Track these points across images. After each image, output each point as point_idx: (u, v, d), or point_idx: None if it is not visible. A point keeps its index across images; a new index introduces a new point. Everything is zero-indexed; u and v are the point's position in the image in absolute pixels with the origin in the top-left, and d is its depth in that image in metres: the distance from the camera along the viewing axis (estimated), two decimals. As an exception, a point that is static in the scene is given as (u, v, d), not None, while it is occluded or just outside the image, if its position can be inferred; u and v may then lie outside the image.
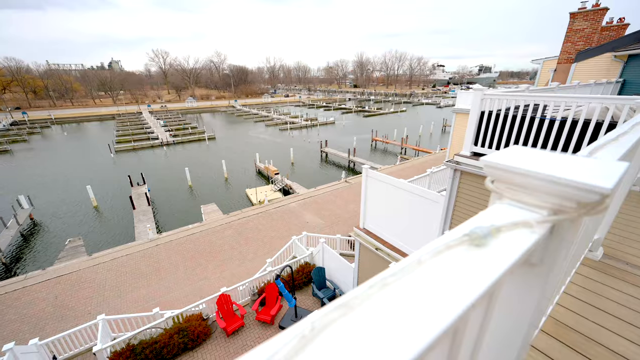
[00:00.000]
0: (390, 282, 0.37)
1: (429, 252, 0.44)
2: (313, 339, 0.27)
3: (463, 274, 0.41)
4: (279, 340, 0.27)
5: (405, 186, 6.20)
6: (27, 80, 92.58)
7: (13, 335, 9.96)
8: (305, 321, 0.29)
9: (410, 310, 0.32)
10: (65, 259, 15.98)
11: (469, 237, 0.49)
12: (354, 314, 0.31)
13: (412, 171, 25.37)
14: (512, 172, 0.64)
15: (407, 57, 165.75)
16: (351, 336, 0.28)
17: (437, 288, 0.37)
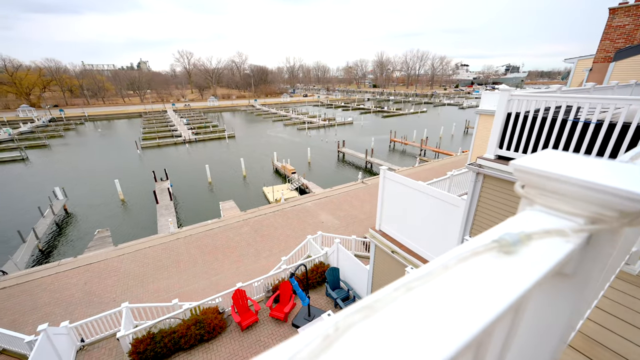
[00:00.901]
0: (415, 286, 0.36)
1: (456, 257, 0.42)
2: (337, 339, 0.27)
3: (491, 283, 0.39)
4: (302, 338, 0.27)
5: (424, 189, 6.05)
6: (64, 79, 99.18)
7: (46, 317, 10.70)
8: (328, 321, 0.29)
9: (434, 318, 0.31)
10: (94, 248, 16.96)
11: (497, 243, 0.47)
12: (377, 317, 0.30)
13: (431, 174, 24.73)
14: (546, 177, 0.60)
15: (429, 56, 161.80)
16: (375, 339, 0.27)
17: (463, 296, 0.36)
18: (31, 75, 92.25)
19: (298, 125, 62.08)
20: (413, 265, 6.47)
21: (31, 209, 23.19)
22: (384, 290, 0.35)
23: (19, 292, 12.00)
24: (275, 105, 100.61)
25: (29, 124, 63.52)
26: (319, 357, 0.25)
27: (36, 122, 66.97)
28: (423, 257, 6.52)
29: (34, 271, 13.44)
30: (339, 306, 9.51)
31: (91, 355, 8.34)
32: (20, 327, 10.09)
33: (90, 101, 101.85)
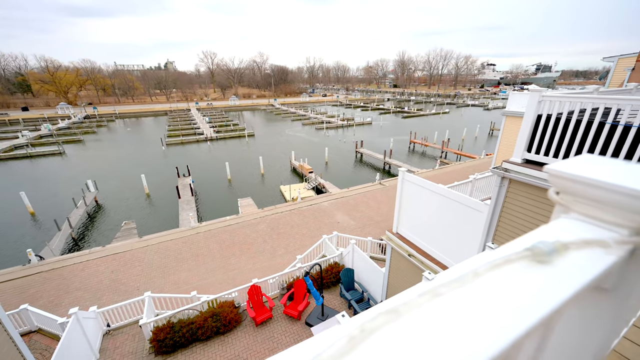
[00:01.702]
0: (443, 292, 0.35)
1: (486, 265, 0.40)
2: (362, 341, 0.27)
3: (524, 293, 0.37)
4: (327, 337, 0.27)
5: (445, 192, 5.88)
6: (98, 79, 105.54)
7: (77, 301, 11.43)
8: (353, 322, 0.29)
9: (462, 327, 0.30)
10: (121, 239, 17.92)
11: (531, 251, 0.44)
12: (403, 321, 0.30)
13: (452, 176, 23.96)
14: (584, 184, 0.56)
15: (453, 55, 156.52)
16: (400, 344, 0.27)
17: (493, 306, 0.34)
18: (69, 75, 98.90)
19: (316, 124, 62.26)
20: (430, 270, 6.30)
21: (66, 200, 24.86)
22: (409, 295, 0.34)
23: (54, 277, 12.90)
24: (295, 104, 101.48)
25: (66, 121, 68.14)
26: (343, 357, 0.25)
27: (72, 118, 71.73)
28: (441, 262, 6.33)
29: (67, 257, 14.40)
30: (353, 308, 9.45)
31: (116, 340, 8.82)
32: (54, 309, 10.84)
33: (121, 99, 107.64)
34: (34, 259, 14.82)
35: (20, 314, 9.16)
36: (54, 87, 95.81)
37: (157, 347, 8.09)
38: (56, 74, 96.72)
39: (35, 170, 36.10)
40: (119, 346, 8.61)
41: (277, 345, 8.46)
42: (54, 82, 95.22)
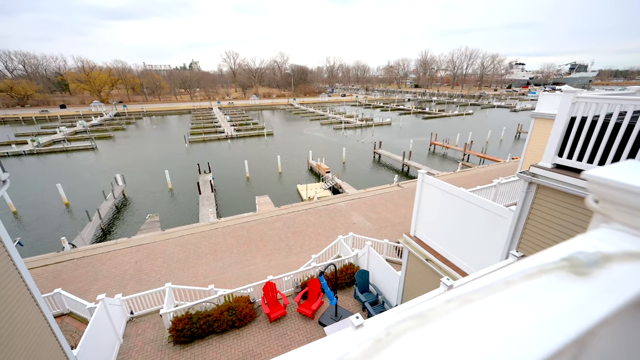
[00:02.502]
0: (473, 299, 0.34)
1: (520, 273, 0.38)
2: (389, 344, 0.27)
3: (559, 306, 0.35)
4: (352, 338, 0.27)
5: (466, 196, 5.68)
6: (128, 79, 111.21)
7: (104, 288, 12.12)
8: (379, 325, 0.29)
9: (493, 336, 0.29)
10: (145, 231, 18.78)
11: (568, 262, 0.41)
12: (431, 327, 0.30)
13: (474, 180, 23.10)
14: (629, 192, 0.52)
15: (479, 54, 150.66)
16: (428, 349, 0.27)
17: (526, 317, 0.32)
18: (102, 74, 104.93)
19: (335, 124, 62.16)
20: (449, 275, 6.11)
21: (97, 192, 26.41)
22: (436, 301, 0.34)
23: (85, 264, 13.75)
24: (313, 104, 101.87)
25: (98, 118, 72.37)
26: (369, 359, 0.25)
27: (104, 116, 76.08)
28: (460, 268, 6.13)
29: (96, 247, 15.30)
30: (367, 310, 9.35)
31: (138, 327, 9.26)
32: (84, 294, 11.55)
33: (148, 98, 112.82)
34: (67, 246, 15.87)
35: (54, 297, 9.84)
36: (89, 86, 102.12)
37: (175, 336, 8.41)
38: (91, 73, 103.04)
39: (70, 163, 38.63)
40: (140, 333, 9.03)
41: (290, 343, 8.54)
42: (89, 81, 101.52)
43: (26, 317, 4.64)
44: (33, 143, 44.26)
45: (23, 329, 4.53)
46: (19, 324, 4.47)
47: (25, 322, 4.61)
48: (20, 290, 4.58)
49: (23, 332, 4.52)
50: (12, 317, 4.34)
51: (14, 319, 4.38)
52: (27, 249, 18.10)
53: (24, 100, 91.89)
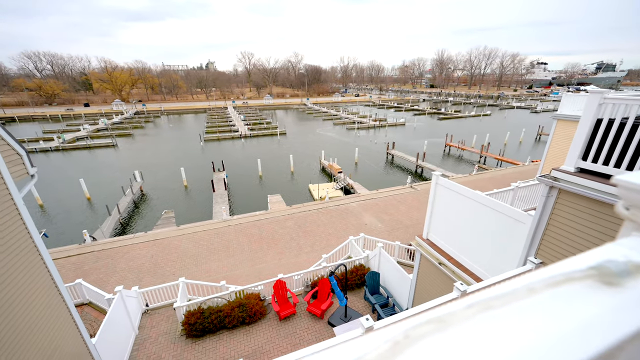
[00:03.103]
0: (494, 305, 0.33)
1: (544, 281, 0.37)
2: (407, 348, 0.26)
3: (587, 316, 0.33)
4: (368, 339, 0.26)
5: (483, 199, 5.52)
6: (148, 78, 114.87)
7: (122, 280, 12.57)
8: (396, 328, 0.28)
9: (515, 345, 0.28)
10: (161, 226, 19.35)
11: (597, 271, 0.39)
12: (450, 332, 0.29)
13: (490, 183, 22.45)
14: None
15: (498, 54, 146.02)
16: (448, 354, 0.26)
17: (550, 326, 0.31)
18: (124, 74, 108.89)
19: (348, 124, 61.93)
20: (463, 280, 5.96)
21: (117, 188, 27.44)
22: (456, 305, 0.33)
23: (104, 257, 14.31)
24: (327, 104, 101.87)
25: (119, 116, 75.15)
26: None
27: (125, 114, 78.87)
28: (475, 273, 5.97)
29: (115, 240, 15.90)
30: (377, 312, 9.26)
31: (153, 319, 9.55)
32: (102, 285, 12.02)
33: (166, 97, 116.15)
34: (88, 239, 16.58)
35: (75, 287, 10.30)
36: (111, 85, 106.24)
37: (188, 330, 8.62)
38: (113, 73, 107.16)
39: (93, 160, 40.31)
40: (155, 325, 9.31)
41: (299, 342, 8.57)
42: (111, 81, 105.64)
43: (50, 305, 4.87)
44: (59, 140, 46.50)
45: (47, 316, 4.76)
46: (44, 311, 4.70)
47: (49, 310, 4.84)
48: (45, 279, 4.82)
49: (47, 319, 4.75)
50: (37, 305, 4.57)
51: (39, 306, 4.62)
52: (51, 240, 19.03)
53: (51, 99, 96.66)
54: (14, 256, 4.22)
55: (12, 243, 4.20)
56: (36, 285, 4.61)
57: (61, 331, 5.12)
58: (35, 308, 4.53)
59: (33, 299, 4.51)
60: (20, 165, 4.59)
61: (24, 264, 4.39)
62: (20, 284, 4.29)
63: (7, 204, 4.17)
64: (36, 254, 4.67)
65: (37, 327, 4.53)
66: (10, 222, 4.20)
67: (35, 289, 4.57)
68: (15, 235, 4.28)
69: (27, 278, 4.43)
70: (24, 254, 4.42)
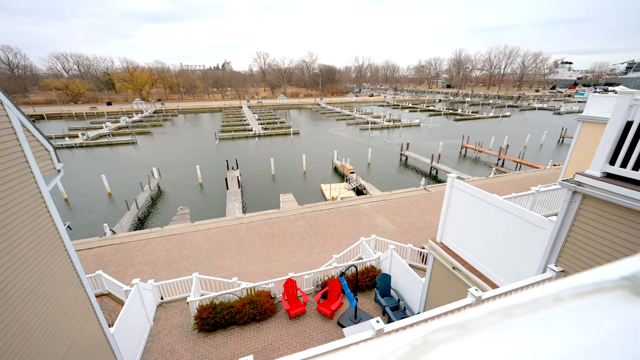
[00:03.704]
0: (517, 313, 0.31)
1: (571, 290, 0.34)
2: (425, 353, 0.26)
3: (618, 330, 0.30)
4: (385, 342, 0.26)
5: (500, 203, 5.34)
6: (167, 78, 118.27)
7: (138, 273, 13.01)
8: (415, 332, 0.28)
9: (540, 356, 0.26)
10: (176, 222, 19.89)
11: (630, 282, 0.36)
12: (471, 338, 0.28)
13: (508, 187, 21.72)
14: None
15: (520, 53, 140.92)
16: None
17: (578, 338, 0.29)
18: (144, 74, 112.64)
19: (361, 125, 61.55)
20: (477, 286, 5.79)
21: (135, 184, 28.44)
22: (477, 311, 0.32)
23: (122, 250, 14.86)
24: (340, 104, 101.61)
25: (139, 115, 77.80)
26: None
27: (144, 113, 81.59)
28: (491, 279, 5.78)
29: (133, 234, 16.47)
30: (387, 315, 9.15)
31: (167, 312, 9.84)
32: (120, 277, 12.48)
33: (184, 96, 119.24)
34: (108, 232, 17.27)
35: (95, 278, 10.75)
36: (132, 85, 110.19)
37: (200, 324, 8.82)
38: (134, 73, 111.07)
39: (114, 156, 41.95)
40: (169, 318, 9.58)
41: (309, 341, 8.59)
42: (132, 80, 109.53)
43: (73, 294, 5.11)
44: (83, 137, 48.68)
45: (70, 304, 5.00)
46: (68, 299, 4.93)
47: (73, 298, 5.08)
48: (68, 269, 5.06)
49: (70, 307, 4.99)
50: (62, 293, 4.80)
51: (64, 294, 4.85)
52: (75, 232, 19.94)
53: (77, 98, 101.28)
54: (42, 246, 4.45)
55: (39, 234, 4.43)
56: (61, 274, 4.84)
57: (83, 319, 5.36)
58: (60, 296, 4.76)
59: (58, 287, 4.74)
60: (47, 160, 4.83)
61: (50, 255, 4.62)
62: (47, 272, 4.52)
63: (35, 197, 4.40)
64: (61, 245, 4.91)
65: (61, 314, 4.75)
66: (38, 214, 4.43)
67: (59, 278, 4.80)
68: (43, 227, 4.51)
69: (53, 267, 4.67)
70: (50, 245, 4.65)
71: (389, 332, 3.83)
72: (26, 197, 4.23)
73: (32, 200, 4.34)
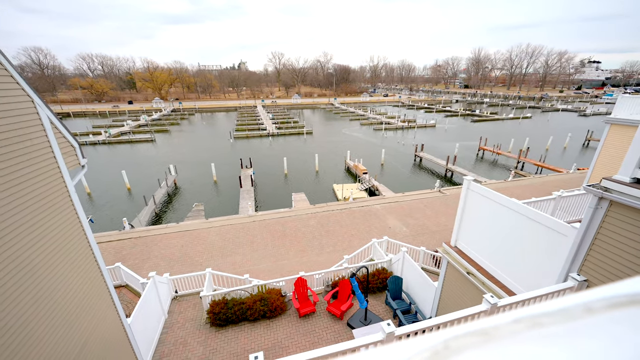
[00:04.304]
0: (545, 323, 0.30)
1: (603, 300, 0.33)
2: (447, 358, 0.25)
3: None
4: (405, 347, 0.25)
5: (519, 208, 5.15)
6: (185, 78, 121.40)
7: (154, 267, 13.44)
8: (435, 337, 0.27)
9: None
10: (191, 218, 20.39)
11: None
12: (495, 346, 0.27)
13: (528, 191, 20.96)
14: None
15: (543, 52, 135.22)
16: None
17: (611, 352, 0.27)
18: (163, 74, 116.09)
19: (375, 125, 60.98)
20: (493, 293, 5.61)
21: (153, 180, 29.38)
22: (501, 318, 0.30)
23: (140, 243, 15.39)
24: (354, 104, 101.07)
25: (158, 113, 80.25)
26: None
27: (163, 111, 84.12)
28: (507, 286, 5.59)
29: (150, 229, 17.03)
30: (398, 318, 9.03)
31: (181, 305, 10.11)
32: (138, 270, 12.93)
33: (201, 96, 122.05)
34: (127, 226, 17.92)
35: (114, 270, 11.19)
36: (152, 84, 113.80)
37: (212, 318, 9.01)
38: (154, 73, 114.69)
39: (133, 153, 43.49)
40: (182, 311, 9.85)
41: (318, 340, 8.60)
42: (152, 80, 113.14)
43: (93, 284, 5.34)
44: (105, 134, 50.73)
45: (92, 293, 5.22)
46: (89, 289, 5.16)
47: (94, 288, 5.31)
48: (90, 260, 5.29)
49: (92, 297, 5.21)
50: (84, 283, 5.03)
51: (86, 284, 5.07)
52: (96, 225, 20.83)
53: (101, 97, 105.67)
54: (67, 238, 4.68)
55: (65, 226, 4.65)
56: (83, 265, 5.07)
57: (103, 308, 5.59)
58: (82, 285, 4.98)
59: (81, 277, 4.96)
60: (73, 156, 5.06)
61: (74, 246, 4.84)
62: (71, 262, 4.74)
63: (61, 190, 4.63)
64: (84, 238, 5.14)
65: (84, 303, 4.98)
66: (64, 207, 4.66)
67: (82, 269, 5.03)
68: (68, 220, 4.73)
69: (77, 258, 4.89)
70: (75, 237, 4.87)
71: (400, 335, 3.77)
72: (53, 190, 4.46)
73: (58, 194, 4.56)
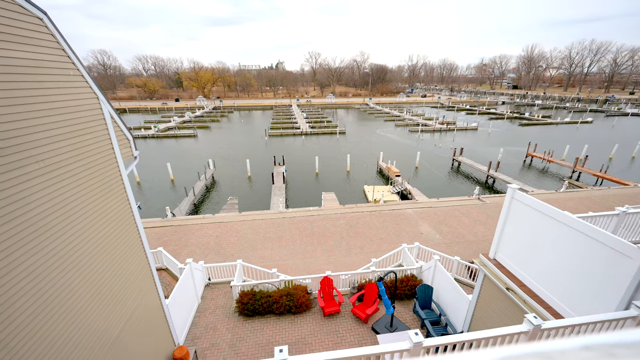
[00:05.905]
0: (619, 354, 0.27)
1: None
2: None
3: None
4: None
5: (573, 222, 4.63)
6: (226, 77, 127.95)
7: (191, 254, 14.38)
8: (490, 355, 0.26)
9: None
10: (226, 211, 21.48)
11: None
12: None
13: (583, 204, 18.80)
14: None
15: (611, 48, 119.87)
16: None
17: None
18: (207, 74, 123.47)
19: (410, 127, 58.97)
20: (536, 313, 5.12)
21: (193, 173, 31.43)
22: (566, 343, 0.28)
23: (180, 231, 16.57)
24: (390, 104, 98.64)
25: (200, 110, 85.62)
26: None
27: (205, 109, 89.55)
28: (554, 307, 5.07)
29: (189, 218, 18.25)
30: (426, 328, 8.64)
31: (212, 292, 10.70)
32: (176, 256, 13.92)
33: (240, 94, 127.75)
34: (169, 214, 19.41)
35: (157, 254, 12.18)
36: (197, 83, 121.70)
37: (241, 308, 9.40)
38: (199, 72, 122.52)
39: (178, 147, 46.92)
40: (214, 298, 10.41)
41: (341, 341, 8.56)
42: (197, 79, 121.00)
43: (139, 264, 5.86)
44: (155, 129, 55.37)
45: (138, 272, 5.74)
46: (135, 268, 5.68)
47: (139, 268, 5.83)
48: (137, 243, 5.81)
49: (138, 276, 5.73)
50: (131, 262, 5.54)
51: (132, 263, 5.59)
52: (143, 212, 22.86)
53: (152, 94, 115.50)
54: (121, 220, 5.19)
55: (119, 210, 5.17)
56: (132, 246, 5.59)
57: (146, 287, 6.11)
58: (130, 264, 5.50)
59: (131, 256, 5.48)
60: (128, 148, 5.59)
61: (125, 229, 5.36)
62: (125, 242, 5.26)
63: (117, 178, 5.14)
64: (133, 222, 5.66)
65: (130, 280, 5.49)
66: (118, 193, 5.17)
67: (131, 249, 5.55)
68: (121, 204, 5.25)
69: (127, 240, 5.41)
70: (126, 221, 5.39)
71: (427, 347, 3.61)
72: (111, 177, 4.97)
73: (115, 180, 5.08)
